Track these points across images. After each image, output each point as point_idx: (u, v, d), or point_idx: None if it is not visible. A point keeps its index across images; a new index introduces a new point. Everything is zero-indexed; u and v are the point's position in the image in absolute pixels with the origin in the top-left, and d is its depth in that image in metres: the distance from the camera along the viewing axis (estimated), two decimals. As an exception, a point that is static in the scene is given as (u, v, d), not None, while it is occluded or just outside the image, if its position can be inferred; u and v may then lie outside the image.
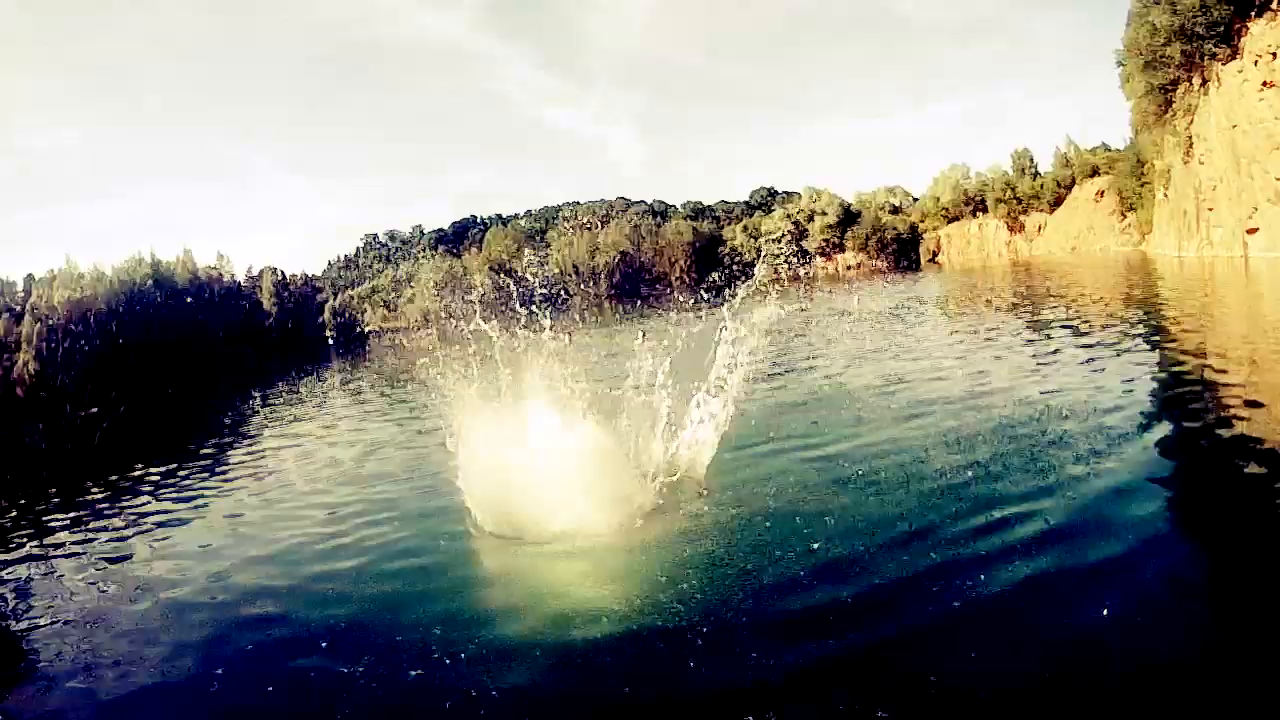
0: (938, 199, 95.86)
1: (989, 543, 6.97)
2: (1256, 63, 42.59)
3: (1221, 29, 45.31)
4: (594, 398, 9.96)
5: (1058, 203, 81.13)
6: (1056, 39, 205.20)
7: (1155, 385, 13.30)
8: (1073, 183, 79.91)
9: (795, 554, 7.26)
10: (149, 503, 14.35)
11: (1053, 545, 6.81)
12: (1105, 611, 5.58)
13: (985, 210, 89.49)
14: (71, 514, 14.42)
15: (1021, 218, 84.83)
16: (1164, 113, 53.94)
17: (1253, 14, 42.92)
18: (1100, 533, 6.98)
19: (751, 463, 10.75)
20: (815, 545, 7.38)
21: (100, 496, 15.65)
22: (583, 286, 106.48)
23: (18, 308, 48.06)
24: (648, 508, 8.98)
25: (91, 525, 13.22)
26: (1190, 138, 50.73)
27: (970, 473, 8.97)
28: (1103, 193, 73.73)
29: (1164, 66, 51.16)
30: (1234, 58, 44.74)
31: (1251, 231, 44.25)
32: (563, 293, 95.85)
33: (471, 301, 10.56)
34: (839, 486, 9.21)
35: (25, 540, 12.96)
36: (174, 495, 14.76)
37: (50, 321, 48.35)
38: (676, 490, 9.52)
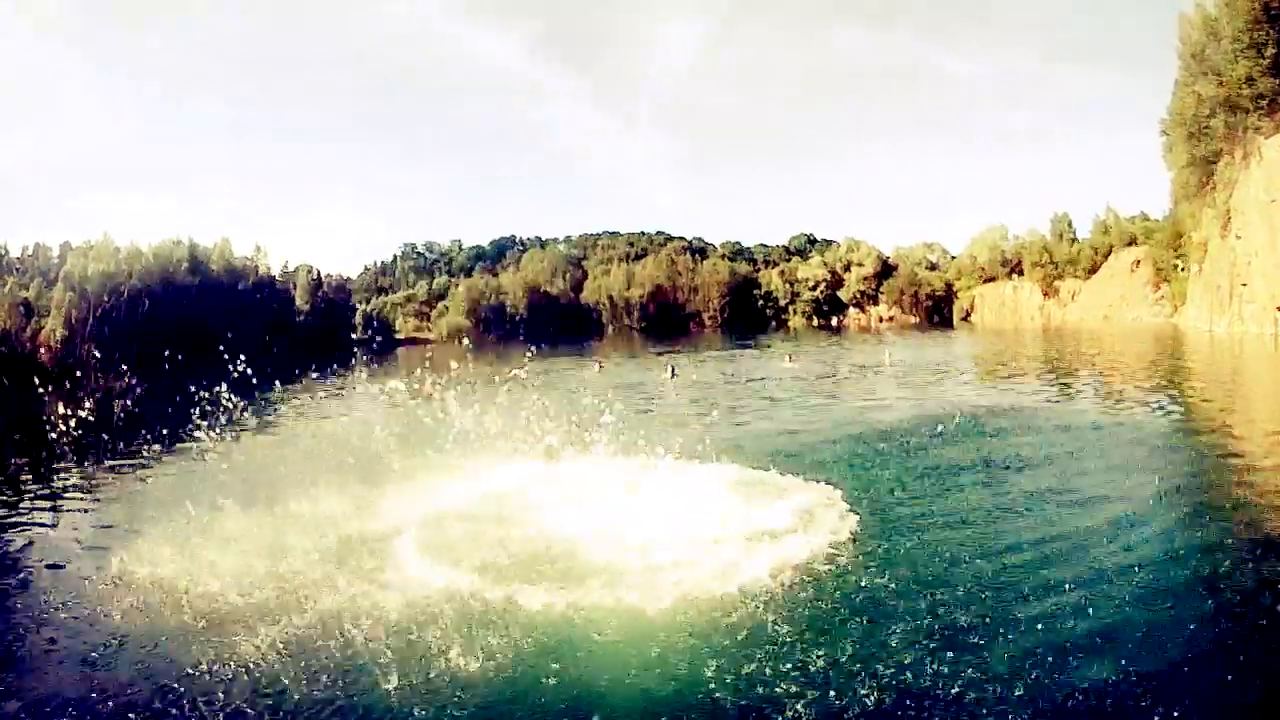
0: (974, 258, 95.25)
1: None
2: (1298, 137, 42.07)
3: (1266, 102, 44.88)
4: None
5: (1093, 270, 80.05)
6: (1099, 102, 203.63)
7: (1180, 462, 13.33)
8: (1110, 251, 78.91)
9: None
10: (158, 482, 14.63)
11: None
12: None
13: (1021, 273, 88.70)
14: (82, 487, 14.87)
15: (1056, 283, 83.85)
16: (1204, 185, 53.22)
17: (1296, 87, 42.54)
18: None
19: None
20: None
21: (115, 470, 16.11)
22: (615, 318, 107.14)
23: (51, 274, 49.67)
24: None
25: (100, 499, 13.53)
26: (1229, 211, 49.89)
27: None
28: (1139, 262, 72.72)
29: (1207, 138, 50.61)
30: (1277, 131, 44.20)
31: (1282, 308, 43.35)
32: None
33: None
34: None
35: (30, 509, 13.37)
36: (185, 477, 15.02)
37: (83, 291, 49.82)
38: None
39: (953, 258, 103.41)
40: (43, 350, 47.96)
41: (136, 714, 6.03)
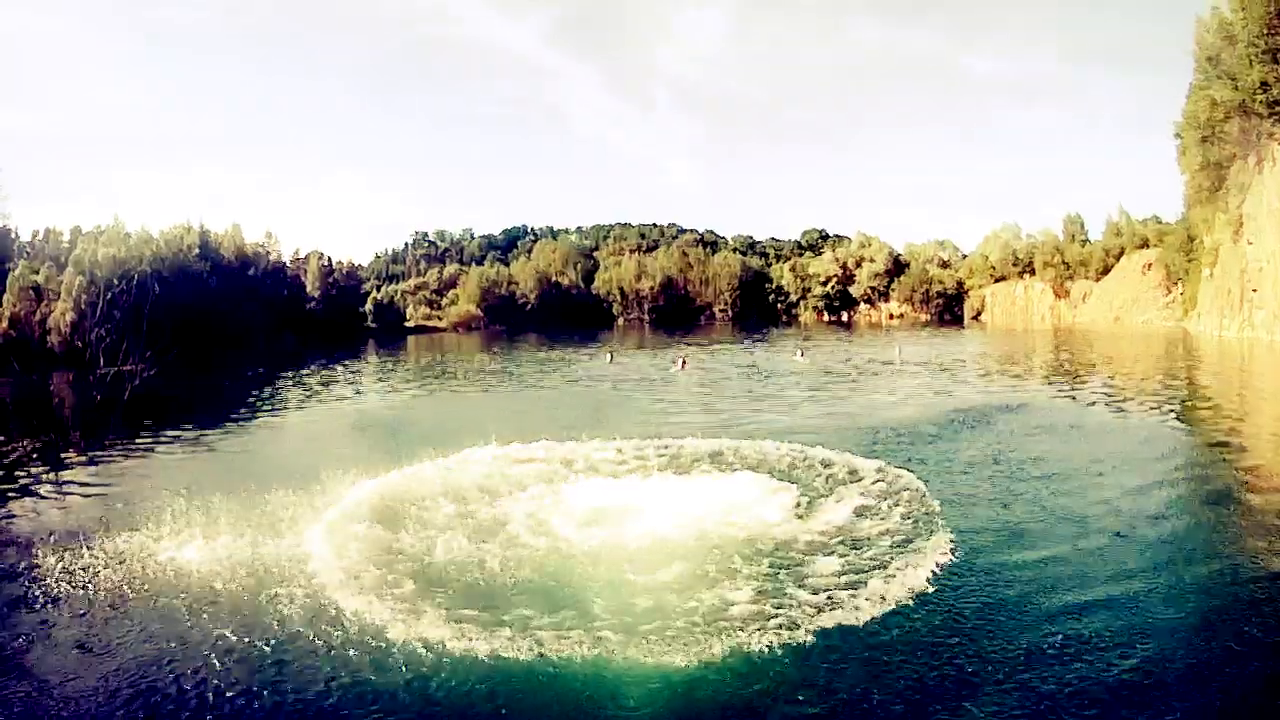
0: (986, 257, 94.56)
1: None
2: (1311, 144, 41.57)
3: (1280, 108, 44.37)
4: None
5: (1105, 271, 79.39)
6: (1115, 105, 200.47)
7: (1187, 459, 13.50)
8: (1121, 253, 78.23)
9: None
10: (164, 466, 14.82)
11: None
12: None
13: (1032, 273, 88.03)
14: (88, 469, 15.08)
15: (1068, 283, 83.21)
16: (1217, 189, 52.75)
17: (1311, 93, 42.00)
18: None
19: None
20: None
21: (122, 452, 16.34)
22: (626, 309, 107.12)
23: (61, 258, 50.16)
24: None
25: (106, 482, 13.70)
26: (1241, 216, 49.48)
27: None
28: (1150, 265, 72.10)
29: (1221, 142, 50.13)
30: (1290, 138, 43.74)
31: (1291, 317, 42.97)
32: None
33: None
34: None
35: (37, 490, 13.57)
36: (188, 462, 15.24)
37: (92, 275, 50.20)
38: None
39: (964, 256, 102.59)
40: (52, 334, 48.47)
41: (127, 696, 6.18)
